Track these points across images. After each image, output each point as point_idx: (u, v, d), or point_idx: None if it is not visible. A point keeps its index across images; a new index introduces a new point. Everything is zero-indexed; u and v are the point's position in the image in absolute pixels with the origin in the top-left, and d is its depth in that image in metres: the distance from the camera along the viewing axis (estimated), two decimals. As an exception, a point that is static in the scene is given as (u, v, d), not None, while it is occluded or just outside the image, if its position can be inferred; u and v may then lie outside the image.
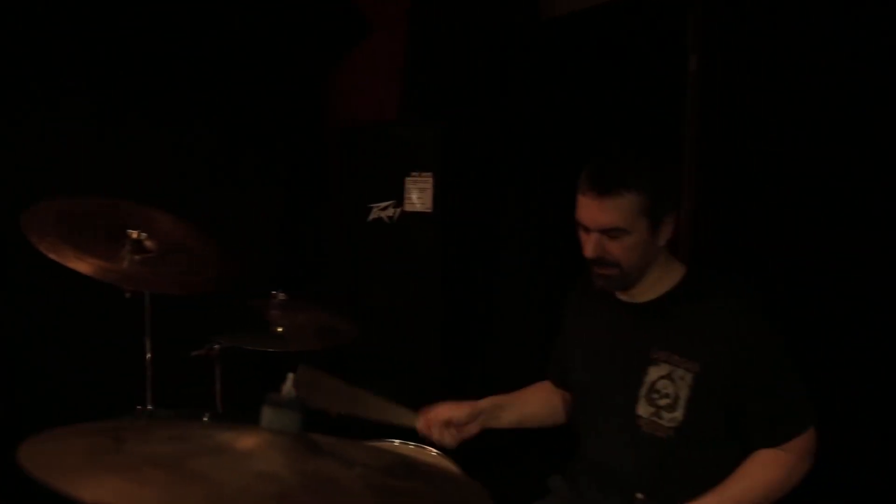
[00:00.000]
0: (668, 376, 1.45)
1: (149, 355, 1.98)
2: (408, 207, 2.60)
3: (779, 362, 1.45)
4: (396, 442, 1.78)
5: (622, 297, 1.58)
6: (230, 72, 2.58)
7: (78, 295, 2.23)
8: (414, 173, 2.58)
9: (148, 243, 1.79)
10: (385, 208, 2.63)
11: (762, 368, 1.43)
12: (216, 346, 2.09)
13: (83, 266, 1.65)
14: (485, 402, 1.72)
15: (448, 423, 1.66)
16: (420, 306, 2.61)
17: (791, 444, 1.43)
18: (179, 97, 2.49)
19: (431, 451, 1.72)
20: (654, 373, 1.47)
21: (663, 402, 1.46)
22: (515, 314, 2.64)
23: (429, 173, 2.57)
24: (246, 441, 0.82)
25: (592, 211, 1.46)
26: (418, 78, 2.79)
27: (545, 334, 2.10)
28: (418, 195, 2.59)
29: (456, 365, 2.65)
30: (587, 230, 1.49)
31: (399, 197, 2.60)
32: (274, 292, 2.09)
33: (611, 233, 1.46)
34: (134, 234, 1.76)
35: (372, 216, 2.65)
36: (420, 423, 1.68)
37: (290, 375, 0.89)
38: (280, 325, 2.09)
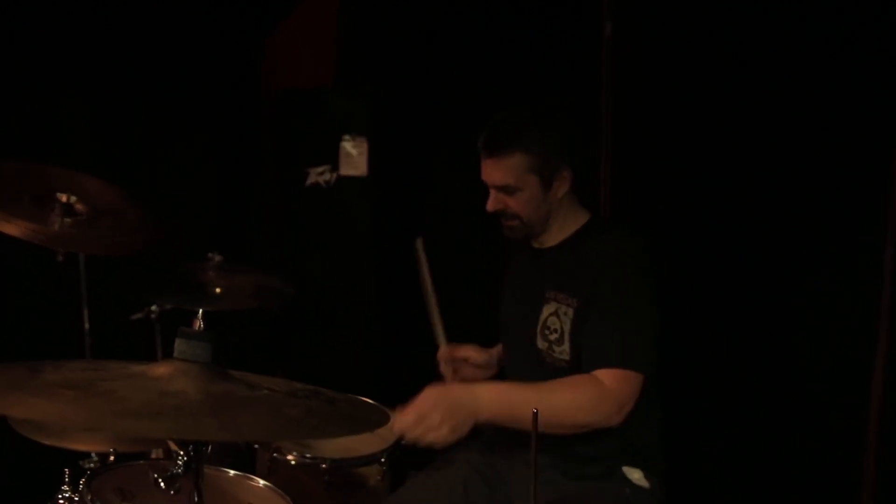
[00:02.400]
0: (555, 313, 1.58)
1: (87, 320, 2.01)
2: (343, 172, 2.66)
3: (633, 301, 1.50)
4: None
5: (534, 244, 1.71)
6: (164, 35, 2.57)
7: (11, 259, 2.26)
8: (349, 137, 2.64)
9: (78, 206, 1.81)
10: (322, 173, 2.69)
11: (615, 298, 1.49)
12: (155, 309, 2.13)
13: (12, 229, 1.67)
14: (496, 352, 1.85)
15: (464, 361, 1.79)
16: (355, 268, 2.70)
17: (612, 374, 1.44)
18: (112, 60, 2.47)
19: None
20: (546, 311, 1.60)
21: (552, 336, 1.59)
22: (449, 276, 2.74)
23: (363, 138, 2.63)
24: (158, 369, 0.91)
25: (487, 170, 1.59)
26: (352, 43, 2.83)
27: (477, 294, 2.21)
28: (353, 160, 2.65)
29: (390, 326, 2.75)
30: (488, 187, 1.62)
31: (335, 161, 2.66)
32: (210, 254, 2.14)
33: (504, 189, 1.58)
34: (63, 197, 1.78)
35: (310, 180, 2.70)
36: (442, 350, 1.79)
37: (201, 311, 0.97)
38: (217, 286, 2.15)
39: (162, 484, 0.86)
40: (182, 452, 0.89)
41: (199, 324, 0.96)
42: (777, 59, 1.96)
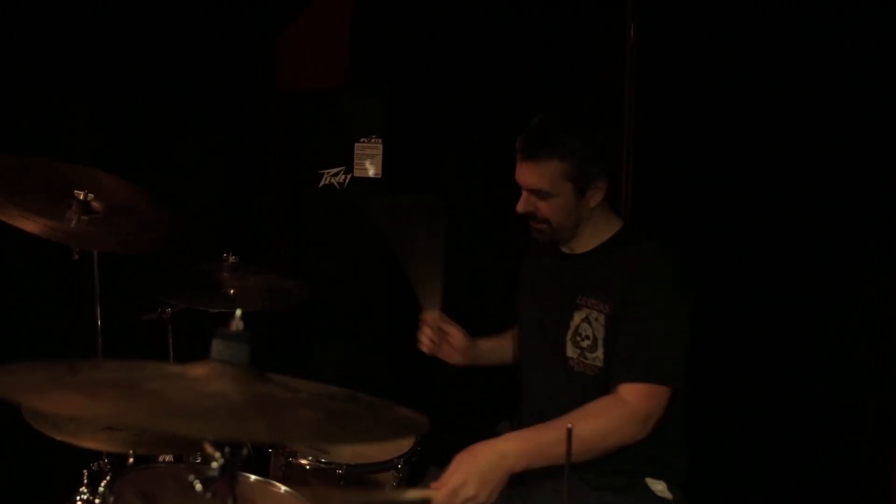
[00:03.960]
0: (586, 319, 1.57)
1: (99, 318, 1.98)
2: (358, 173, 2.64)
3: (667, 313, 1.49)
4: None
5: (563, 249, 1.69)
6: (177, 34, 2.56)
7: (24, 257, 2.23)
8: (364, 139, 2.62)
9: (95, 204, 1.79)
10: (336, 174, 2.67)
11: (647, 309, 1.48)
12: (168, 309, 2.11)
13: (30, 225, 1.64)
14: (483, 345, 1.82)
15: (447, 336, 1.74)
16: (368, 270, 2.68)
17: (637, 389, 1.44)
18: (125, 59, 2.46)
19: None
20: (577, 317, 1.58)
21: (585, 343, 1.57)
22: (461, 279, 2.72)
23: (378, 139, 2.61)
24: (197, 370, 0.88)
25: (522, 172, 1.57)
26: (366, 42, 2.81)
27: (491, 297, 2.19)
28: (369, 161, 2.63)
29: (403, 327, 2.72)
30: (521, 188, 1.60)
31: (349, 163, 2.64)
32: (225, 255, 2.12)
33: (537, 193, 1.57)
34: (81, 194, 1.75)
35: (323, 182, 2.68)
36: (431, 313, 1.74)
37: (238, 312, 0.95)
38: (231, 288, 2.12)
39: (199, 486, 0.83)
40: (219, 455, 0.86)
41: (237, 324, 0.93)
42: (800, 62, 1.94)
